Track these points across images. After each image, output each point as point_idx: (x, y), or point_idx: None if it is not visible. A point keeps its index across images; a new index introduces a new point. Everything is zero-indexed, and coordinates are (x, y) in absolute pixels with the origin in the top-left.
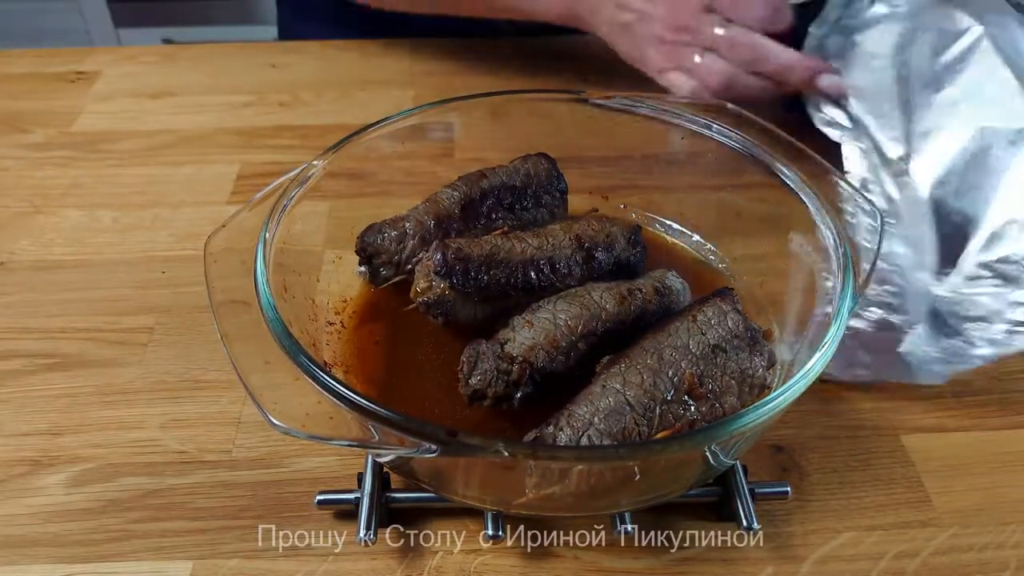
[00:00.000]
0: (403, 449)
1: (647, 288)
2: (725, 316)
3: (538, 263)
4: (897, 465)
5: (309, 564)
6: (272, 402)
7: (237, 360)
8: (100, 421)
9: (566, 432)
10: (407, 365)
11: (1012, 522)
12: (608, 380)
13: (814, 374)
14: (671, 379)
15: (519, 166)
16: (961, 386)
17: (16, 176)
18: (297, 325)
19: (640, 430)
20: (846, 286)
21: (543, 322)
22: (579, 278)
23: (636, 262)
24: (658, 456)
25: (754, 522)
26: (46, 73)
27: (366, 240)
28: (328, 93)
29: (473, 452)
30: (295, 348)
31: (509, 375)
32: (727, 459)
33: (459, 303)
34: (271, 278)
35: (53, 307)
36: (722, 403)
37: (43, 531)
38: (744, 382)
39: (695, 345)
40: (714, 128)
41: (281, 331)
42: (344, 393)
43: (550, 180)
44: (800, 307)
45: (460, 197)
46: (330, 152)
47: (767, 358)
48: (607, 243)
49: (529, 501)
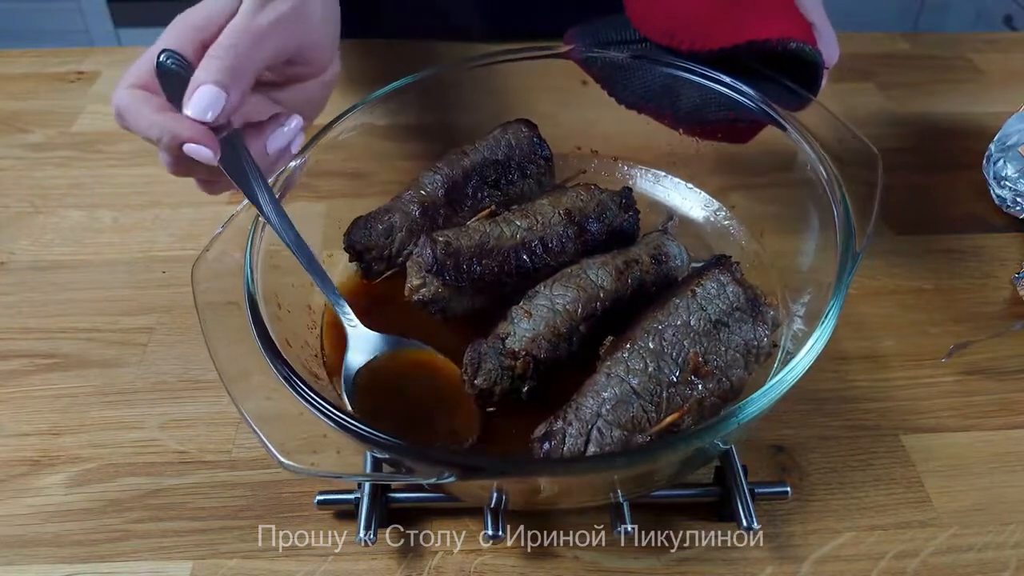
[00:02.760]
0: (416, 478)
1: (644, 258)
2: (725, 288)
3: (530, 245)
4: (897, 465)
5: (309, 564)
6: (280, 441)
7: (241, 403)
8: (100, 421)
9: (575, 426)
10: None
11: (1012, 522)
12: (612, 367)
13: (821, 345)
14: (675, 360)
15: (499, 137)
16: (961, 386)
17: (16, 176)
18: (296, 341)
19: (648, 416)
20: (846, 240)
21: (541, 310)
22: (573, 253)
23: (630, 226)
24: (675, 452)
25: (754, 522)
26: (46, 73)
27: (354, 237)
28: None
29: (488, 476)
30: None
31: (513, 370)
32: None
33: (454, 297)
34: (262, 288)
35: (53, 307)
36: (729, 377)
37: (43, 531)
38: (749, 353)
39: (696, 322)
40: (699, 72)
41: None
42: (359, 430)
43: (532, 148)
44: (803, 259)
45: (443, 180)
46: (307, 149)
47: (770, 324)
48: (598, 212)
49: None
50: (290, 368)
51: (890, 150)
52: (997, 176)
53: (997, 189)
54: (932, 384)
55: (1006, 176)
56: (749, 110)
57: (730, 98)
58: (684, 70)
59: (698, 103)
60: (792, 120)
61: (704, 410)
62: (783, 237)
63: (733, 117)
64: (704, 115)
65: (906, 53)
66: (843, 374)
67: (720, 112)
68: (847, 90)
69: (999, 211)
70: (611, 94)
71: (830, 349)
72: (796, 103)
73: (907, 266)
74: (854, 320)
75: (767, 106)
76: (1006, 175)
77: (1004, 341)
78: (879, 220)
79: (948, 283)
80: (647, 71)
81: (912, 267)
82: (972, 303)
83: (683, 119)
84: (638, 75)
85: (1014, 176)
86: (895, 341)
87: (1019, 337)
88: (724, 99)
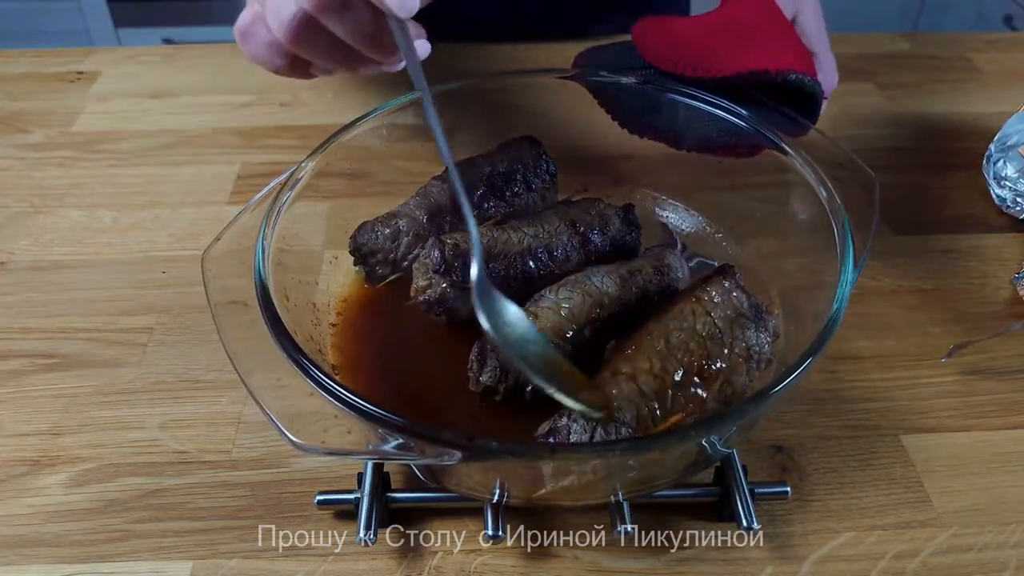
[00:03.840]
0: (424, 458)
1: (646, 268)
2: (729, 295)
3: (536, 251)
4: (897, 465)
5: (309, 564)
6: (289, 421)
7: (256, 392)
8: (100, 421)
9: (579, 422)
10: (413, 362)
11: (1012, 522)
12: (617, 366)
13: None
14: (680, 361)
15: (506, 151)
16: (961, 386)
17: (16, 176)
18: (302, 334)
19: (652, 416)
20: (846, 258)
21: (547, 312)
22: (577, 263)
23: (632, 241)
24: (677, 445)
25: (754, 522)
26: (46, 73)
27: (359, 240)
28: (328, 93)
29: (496, 456)
30: (315, 374)
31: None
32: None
33: (460, 299)
34: (273, 284)
35: (53, 307)
36: (731, 382)
37: (43, 531)
38: (752, 359)
39: (701, 326)
40: (702, 99)
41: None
42: (365, 408)
43: (538, 164)
44: (801, 277)
45: (450, 188)
46: (318, 152)
47: (772, 332)
48: (602, 225)
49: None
50: (300, 350)
51: (890, 150)
52: (997, 176)
53: (997, 189)
54: (932, 384)
55: (1006, 176)
56: (750, 136)
57: (733, 124)
58: (688, 96)
59: (702, 130)
60: (792, 144)
61: (706, 414)
62: (781, 254)
63: (735, 143)
64: (708, 141)
65: (906, 53)
66: (843, 374)
67: (723, 138)
68: (847, 90)
69: (999, 211)
70: (615, 118)
71: (830, 349)
72: (796, 130)
73: (907, 266)
74: (854, 320)
75: (767, 132)
76: (1006, 175)
77: (1004, 341)
78: (879, 220)
79: (948, 283)
80: (652, 97)
81: (912, 267)
82: (972, 303)
83: (687, 145)
84: (643, 101)
85: (1014, 176)
86: (895, 341)
87: (1019, 337)
88: (727, 125)
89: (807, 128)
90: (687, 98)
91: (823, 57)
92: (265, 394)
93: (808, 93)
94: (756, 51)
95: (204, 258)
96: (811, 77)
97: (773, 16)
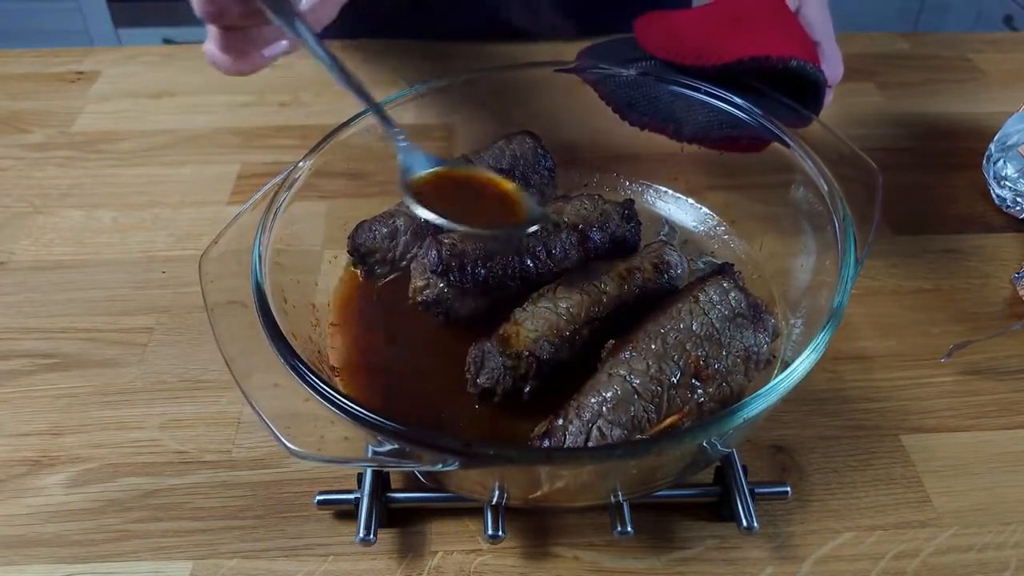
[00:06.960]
0: (422, 465)
1: (646, 266)
2: (727, 295)
3: (534, 250)
4: (897, 465)
5: (309, 564)
6: (286, 426)
7: (253, 397)
8: (100, 421)
9: (575, 424)
10: (412, 362)
11: (1012, 522)
12: (614, 367)
13: (818, 354)
14: (677, 363)
15: (504, 147)
16: (961, 386)
17: (16, 176)
18: (301, 336)
19: (649, 417)
20: (847, 253)
21: (545, 312)
22: (576, 260)
23: (632, 237)
24: (674, 449)
25: (754, 522)
26: (46, 73)
27: (357, 240)
28: (328, 93)
29: (492, 463)
30: (312, 380)
31: (516, 370)
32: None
33: (458, 299)
34: (271, 286)
35: (53, 307)
36: (729, 382)
37: (43, 531)
38: (749, 359)
39: (699, 326)
40: (702, 90)
41: (289, 356)
42: (361, 414)
43: (536, 159)
44: (802, 272)
45: None
46: (316, 151)
47: (770, 332)
48: (601, 222)
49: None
50: (297, 356)
51: (890, 150)
52: (997, 176)
53: (997, 189)
54: (932, 384)
55: (1006, 176)
56: (751, 127)
57: (733, 115)
58: (688, 87)
59: (702, 121)
60: (793, 136)
61: (703, 415)
62: (783, 250)
63: (736, 135)
64: (708, 132)
65: (906, 53)
66: (843, 374)
67: (723, 130)
68: (847, 90)
69: (999, 211)
70: (616, 111)
71: (830, 349)
72: (798, 121)
73: (907, 266)
74: (854, 320)
75: (768, 123)
76: (1006, 175)
77: (1004, 341)
78: (880, 213)
79: (948, 283)
80: (652, 88)
81: (912, 267)
82: (972, 303)
83: (687, 136)
84: (643, 93)
85: (1014, 176)
86: (895, 341)
87: (1019, 337)
88: (727, 116)
89: (809, 119)
90: (687, 89)
91: (827, 47)
92: (262, 397)
93: (811, 81)
94: (758, 39)
95: (202, 261)
96: (814, 64)
97: (775, 5)
